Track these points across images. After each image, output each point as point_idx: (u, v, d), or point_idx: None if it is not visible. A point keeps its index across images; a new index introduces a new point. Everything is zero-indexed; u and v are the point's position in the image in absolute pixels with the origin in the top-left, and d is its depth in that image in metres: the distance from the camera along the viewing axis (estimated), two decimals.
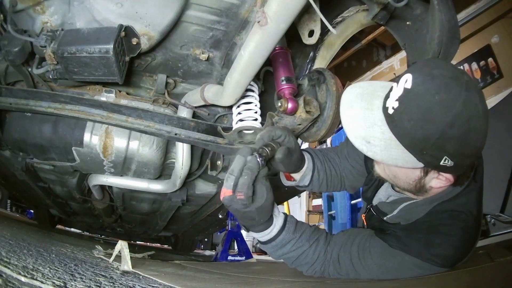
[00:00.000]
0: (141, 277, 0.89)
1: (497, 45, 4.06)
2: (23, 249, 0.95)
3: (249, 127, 1.29)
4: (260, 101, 1.34)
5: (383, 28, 1.20)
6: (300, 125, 1.22)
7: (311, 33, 1.13)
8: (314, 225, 1.01)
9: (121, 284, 0.75)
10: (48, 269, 0.75)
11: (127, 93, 1.50)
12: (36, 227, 2.54)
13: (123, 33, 1.07)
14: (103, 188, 2.12)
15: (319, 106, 1.22)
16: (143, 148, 1.55)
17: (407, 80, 0.73)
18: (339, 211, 4.48)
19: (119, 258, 1.04)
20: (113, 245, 1.18)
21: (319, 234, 0.96)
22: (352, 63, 6.44)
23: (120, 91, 1.48)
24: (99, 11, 1.08)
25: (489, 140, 0.74)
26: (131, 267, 0.96)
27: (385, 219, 1.00)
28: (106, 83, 1.44)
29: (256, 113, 1.31)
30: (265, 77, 1.39)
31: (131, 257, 0.99)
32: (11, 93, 1.36)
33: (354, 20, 1.31)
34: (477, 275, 0.85)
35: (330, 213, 4.86)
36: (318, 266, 0.94)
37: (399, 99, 0.74)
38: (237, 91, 1.16)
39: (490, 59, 4.11)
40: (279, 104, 1.18)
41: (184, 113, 1.46)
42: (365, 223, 1.15)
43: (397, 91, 0.75)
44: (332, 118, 1.21)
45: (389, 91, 0.79)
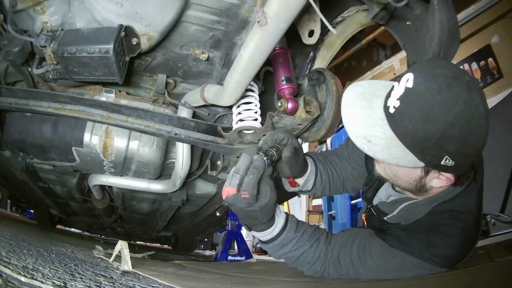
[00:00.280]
0: (141, 277, 0.89)
1: (497, 45, 4.06)
2: (23, 249, 0.95)
3: (249, 127, 1.29)
4: (260, 101, 1.34)
5: (383, 28, 1.20)
6: (300, 125, 1.22)
7: (311, 33, 1.13)
8: (314, 225, 1.01)
9: (121, 284, 0.75)
10: (48, 269, 0.75)
11: (127, 93, 1.50)
12: (36, 227, 2.54)
13: (123, 33, 1.07)
14: (103, 188, 2.12)
15: (319, 106, 1.22)
16: (143, 148, 1.55)
17: (408, 79, 0.73)
18: (339, 211, 4.48)
19: (119, 258, 1.04)
20: (113, 245, 1.18)
21: (319, 233, 0.96)
22: (352, 63, 6.44)
23: (120, 91, 1.48)
24: (99, 11, 1.08)
25: (489, 140, 0.74)
26: (131, 267, 0.96)
27: (385, 219, 1.00)
28: (106, 83, 1.44)
29: (256, 113, 1.31)
30: (265, 77, 1.39)
31: (131, 257, 0.99)
32: (11, 93, 1.36)
33: (354, 20, 1.31)
34: (477, 275, 0.85)
35: (330, 213, 4.86)
36: (318, 266, 0.94)
37: (400, 98, 0.74)
38: (237, 91, 1.16)
39: (490, 59, 4.11)
40: (279, 104, 1.18)
41: (184, 113, 1.46)
42: (365, 223, 1.15)
43: (398, 90, 0.75)
44: (332, 118, 1.21)
45: (390, 90, 0.79)
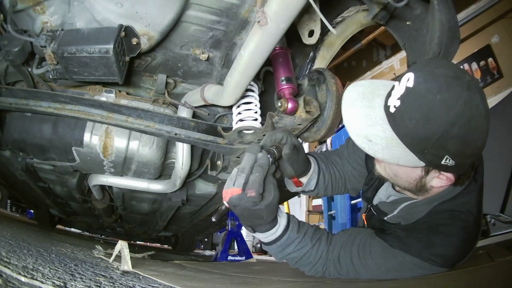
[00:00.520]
0: (141, 277, 0.89)
1: (497, 45, 4.06)
2: (23, 249, 0.95)
3: (249, 127, 1.29)
4: (260, 101, 1.34)
5: (383, 28, 1.20)
6: (300, 125, 1.22)
7: (311, 33, 1.13)
8: (315, 225, 1.01)
9: (121, 284, 0.75)
10: (48, 269, 0.75)
11: (127, 93, 1.50)
12: (36, 227, 2.54)
13: (123, 33, 1.07)
14: (103, 188, 2.12)
15: (319, 106, 1.22)
16: (143, 148, 1.55)
17: (409, 79, 0.74)
18: (339, 211, 4.48)
19: (119, 258, 1.04)
20: (113, 245, 1.18)
21: (320, 233, 0.96)
22: (352, 63, 6.44)
23: (120, 91, 1.48)
24: (99, 11, 1.08)
25: (489, 140, 0.74)
26: (131, 267, 0.96)
27: (385, 219, 1.00)
28: (106, 83, 1.44)
29: (256, 113, 1.31)
30: (265, 77, 1.39)
31: (131, 257, 0.99)
32: (11, 93, 1.36)
33: (354, 20, 1.31)
34: (477, 275, 0.85)
35: (330, 213, 4.86)
36: (320, 266, 0.94)
37: (401, 98, 0.74)
38: (237, 91, 1.16)
39: (490, 59, 4.11)
40: (279, 104, 1.18)
41: (184, 113, 1.46)
42: (365, 223, 1.15)
43: (399, 90, 0.75)
44: (332, 118, 1.21)
45: (391, 89, 0.79)
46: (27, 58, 1.22)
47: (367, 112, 0.80)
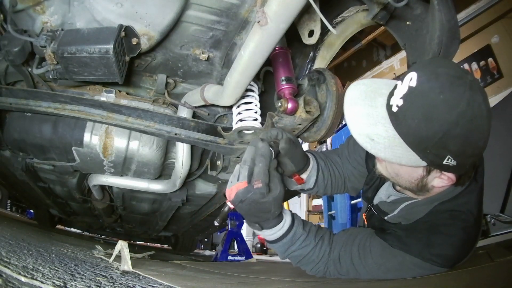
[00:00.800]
0: (141, 277, 0.89)
1: (497, 45, 4.06)
2: (23, 249, 0.95)
3: (249, 127, 1.29)
4: (260, 101, 1.34)
5: (383, 28, 1.20)
6: (300, 125, 1.22)
7: (311, 33, 1.13)
8: (317, 224, 1.01)
9: (121, 284, 0.74)
10: (48, 269, 0.75)
11: (127, 93, 1.50)
12: (36, 227, 2.54)
13: (123, 33, 1.07)
14: (103, 188, 2.12)
15: (319, 106, 1.22)
16: (143, 148, 1.55)
17: (411, 78, 0.73)
18: (339, 211, 4.48)
19: (119, 258, 1.04)
20: (113, 245, 1.18)
21: (323, 232, 0.96)
22: (352, 63, 6.44)
23: (120, 91, 1.48)
24: (99, 11, 1.08)
25: (489, 140, 0.74)
26: (131, 267, 0.96)
27: (385, 218, 1.00)
28: (106, 83, 1.44)
29: (256, 113, 1.31)
30: (265, 77, 1.39)
31: (131, 257, 0.99)
32: (11, 93, 1.36)
33: (354, 20, 1.31)
34: (477, 275, 0.85)
35: (330, 213, 4.86)
36: (322, 265, 0.94)
37: (404, 97, 0.74)
38: (237, 91, 1.16)
39: (490, 59, 4.11)
40: (279, 104, 1.18)
41: (184, 113, 1.46)
42: (366, 222, 1.15)
43: (401, 89, 0.75)
44: (332, 118, 1.21)
45: (393, 88, 0.79)
46: (27, 58, 1.22)
47: (370, 111, 0.80)
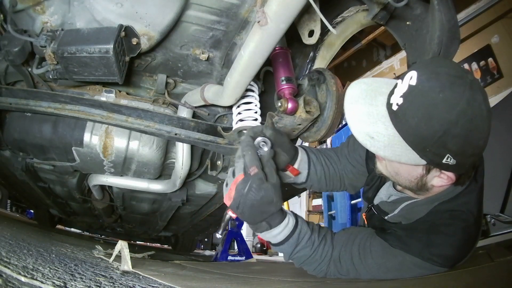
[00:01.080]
0: (141, 277, 0.89)
1: (497, 45, 4.06)
2: (23, 249, 0.95)
3: (249, 127, 1.29)
4: (260, 101, 1.34)
5: (383, 28, 1.20)
6: (300, 125, 1.22)
7: (311, 33, 1.13)
8: (318, 224, 1.01)
9: (121, 284, 0.75)
10: (48, 269, 0.75)
11: (127, 93, 1.50)
12: (36, 227, 2.54)
13: (123, 33, 1.07)
14: (103, 188, 2.12)
15: (319, 106, 1.22)
16: (143, 148, 1.55)
17: (412, 77, 0.74)
18: (339, 211, 4.48)
19: (119, 258, 1.04)
20: (113, 245, 1.18)
21: (325, 231, 0.96)
22: (352, 63, 6.44)
23: (120, 91, 1.48)
24: (99, 11, 1.08)
25: (489, 140, 0.74)
26: (131, 267, 0.96)
27: (386, 218, 1.00)
28: (106, 83, 1.44)
29: (256, 113, 1.31)
30: (265, 77, 1.39)
31: (131, 257, 0.99)
32: (11, 93, 1.36)
33: (354, 20, 1.31)
34: (477, 275, 0.85)
35: (330, 213, 4.86)
36: (324, 265, 0.94)
37: (404, 96, 0.74)
38: (237, 91, 1.16)
39: (490, 59, 4.11)
40: (279, 104, 1.18)
41: (184, 113, 1.46)
42: (366, 222, 1.15)
43: (401, 88, 0.75)
44: (332, 118, 1.21)
45: (394, 87, 0.79)
46: (27, 58, 1.22)
47: (370, 109, 0.80)
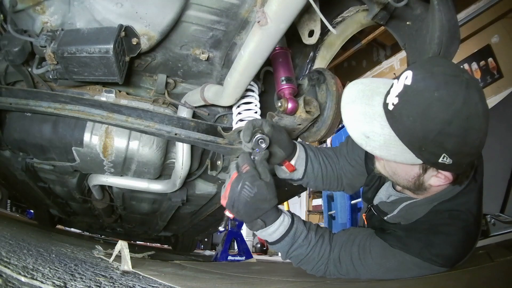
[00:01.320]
0: (141, 277, 0.89)
1: (497, 45, 4.06)
2: (23, 249, 0.95)
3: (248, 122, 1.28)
4: (260, 101, 1.34)
5: (383, 28, 1.20)
6: (300, 125, 1.22)
7: (311, 33, 1.13)
8: (316, 223, 1.01)
9: (121, 284, 0.75)
10: (48, 269, 0.75)
11: (127, 93, 1.50)
12: (36, 227, 2.54)
13: (123, 33, 1.07)
14: (103, 188, 2.12)
15: (319, 106, 1.22)
16: (143, 148, 1.55)
17: (407, 76, 0.74)
18: (339, 211, 4.48)
19: (119, 258, 1.04)
20: (113, 245, 1.18)
21: (322, 231, 0.97)
22: (352, 63, 6.44)
23: (120, 91, 1.48)
24: (99, 11, 1.08)
25: (489, 140, 0.74)
26: (131, 267, 0.96)
27: (385, 219, 1.00)
28: (106, 83, 1.44)
29: (256, 113, 1.31)
30: (265, 77, 1.39)
31: (131, 257, 0.99)
32: (11, 93, 1.36)
33: (354, 20, 1.31)
34: (477, 275, 0.85)
35: (330, 213, 4.86)
36: (322, 265, 0.94)
37: (399, 95, 0.75)
38: (237, 91, 1.16)
39: (490, 59, 4.11)
40: (279, 104, 1.18)
41: (184, 113, 1.46)
42: (366, 223, 1.15)
43: (397, 88, 0.76)
44: (332, 118, 1.21)
45: (390, 87, 0.79)
46: (27, 58, 1.22)
47: (366, 109, 0.81)
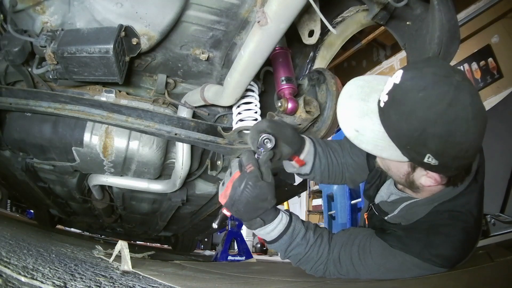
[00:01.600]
0: (141, 277, 0.89)
1: (497, 45, 4.06)
2: (23, 249, 0.95)
3: (249, 127, 1.29)
4: (260, 101, 1.34)
5: (383, 28, 1.20)
6: (300, 125, 1.22)
7: (311, 33, 1.13)
8: (315, 223, 1.01)
9: (121, 284, 0.75)
10: (48, 269, 0.75)
11: (127, 93, 1.50)
12: (36, 227, 2.54)
13: (123, 33, 1.07)
14: (103, 188, 2.12)
15: (319, 106, 1.22)
16: (143, 148, 1.55)
17: (397, 75, 0.76)
18: (339, 211, 4.47)
19: (119, 258, 1.04)
20: (113, 245, 1.18)
21: (321, 230, 0.97)
22: (352, 63, 6.43)
23: (120, 91, 1.48)
24: (99, 11, 1.08)
25: (489, 140, 0.74)
26: (131, 267, 0.96)
27: (386, 219, 1.00)
28: (106, 83, 1.44)
29: (256, 113, 1.31)
30: (265, 77, 1.39)
31: (131, 257, 0.99)
32: (11, 93, 1.36)
33: (354, 20, 1.31)
34: (477, 275, 0.85)
35: (330, 213, 4.85)
36: (321, 264, 0.94)
37: (389, 93, 0.76)
38: (237, 91, 1.16)
39: (490, 59, 4.10)
40: (279, 104, 1.18)
41: (184, 113, 1.46)
42: (367, 222, 1.15)
43: (388, 86, 0.78)
44: (332, 118, 1.21)
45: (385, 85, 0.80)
46: (27, 58, 1.22)
47: (361, 104, 0.82)
